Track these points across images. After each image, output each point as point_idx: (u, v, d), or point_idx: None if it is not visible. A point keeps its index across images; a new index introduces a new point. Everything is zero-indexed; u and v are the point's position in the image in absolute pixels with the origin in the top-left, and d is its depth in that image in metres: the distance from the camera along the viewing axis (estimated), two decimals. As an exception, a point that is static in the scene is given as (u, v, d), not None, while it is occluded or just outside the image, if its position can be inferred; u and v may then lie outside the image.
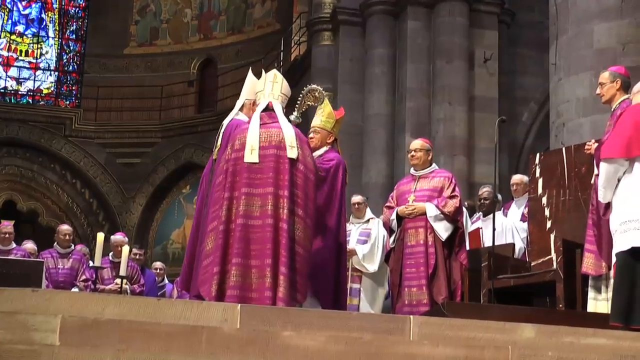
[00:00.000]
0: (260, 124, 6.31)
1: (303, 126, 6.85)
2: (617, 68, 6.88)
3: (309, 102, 7.18)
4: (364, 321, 4.83)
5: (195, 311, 4.62)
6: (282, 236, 6.04)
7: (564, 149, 8.13)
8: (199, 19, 24.78)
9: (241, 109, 7.00)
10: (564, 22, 11.02)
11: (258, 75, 6.91)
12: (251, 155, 6.18)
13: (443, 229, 7.91)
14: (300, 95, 7.11)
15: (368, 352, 4.49)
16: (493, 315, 5.79)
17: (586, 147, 6.91)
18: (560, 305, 7.24)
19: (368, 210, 9.95)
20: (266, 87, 6.52)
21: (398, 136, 15.65)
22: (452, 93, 15.44)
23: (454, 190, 8.06)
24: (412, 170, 8.43)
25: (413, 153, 8.33)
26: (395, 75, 16.11)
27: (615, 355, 4.61)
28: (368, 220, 9.78)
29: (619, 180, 5.84)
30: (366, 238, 9.57)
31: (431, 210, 7.96)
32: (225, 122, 6.95)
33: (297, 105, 7.04)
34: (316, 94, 7.17)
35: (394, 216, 8.14)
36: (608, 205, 6.00)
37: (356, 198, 9.97)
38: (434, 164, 8.40)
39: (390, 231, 8.30)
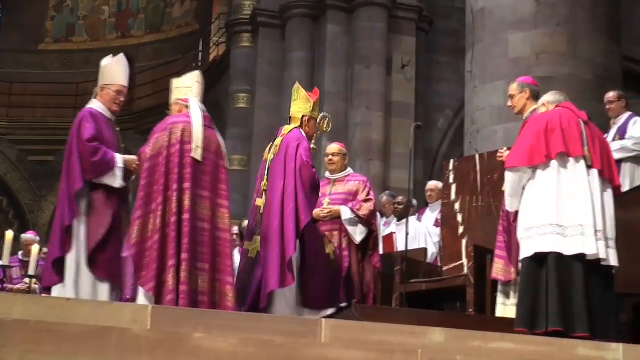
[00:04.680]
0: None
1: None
2: (525, 78, 7.01)
3: (323, 129, 7.54)
4: (276, 324, 4.83)
5: (105, 312, 4.57)
6: (226, 247, 6.14)
7: (477, 155, 8.25)
8: (117, 17, 24.51)
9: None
10: (480, 31, 11.18)
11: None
12: (196, 153, 6.15)
13: (357, 233, 7.95)
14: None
15: (279, 355, 4.48)
16: (404, 319, 5.84)
17: (498, 154, 7.02)
18: (471, 310, 7.33)
19: (283, 213, 9.96)
20: (194, 87, 6.50)
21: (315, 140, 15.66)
22: (370, 98, 15.55)
23: (368, 194, 8.12)
24: (327, 174, 8.47)
25: (331, 157, 8.40)
26: (313, 79, 16.14)
27: (521, 359, 4.69)
28: (283, 222, 9.79)
29: (524, 189, 5.94)
30: (281, 240, 9.58)
31: (346, 213, 8.00)
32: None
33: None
34: (326, 120, 7.68)
35: (309, 219, 8.15)
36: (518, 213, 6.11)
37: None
38: (349, 168, 8.46)
39: (305, 234, 8.31)
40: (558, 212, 5.71)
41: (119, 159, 6.46)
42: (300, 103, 7.54)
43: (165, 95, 7.19)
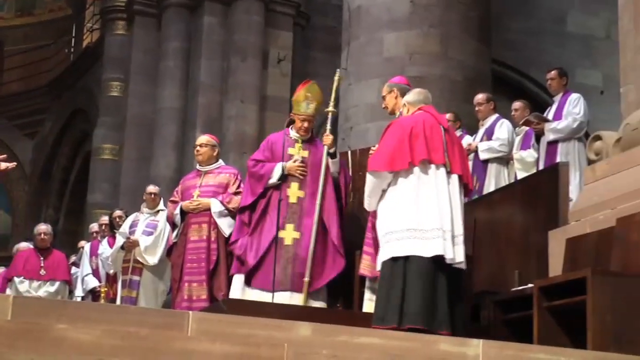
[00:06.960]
0: None
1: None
2: (396, 78, 7.14)
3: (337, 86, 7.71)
4: (141, 315, 4.76)
5: (-37, 302, 4.42)
6: None
7: (349, 152, 8.35)
8: (-15, -3, 23.75)
9: None
10: (356, 29, 11.30)
11: None
12: None
13: (227, 225, 7.93)
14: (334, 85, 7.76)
15: (144, 347, 4.43)
16: (272, 313, 5.86)
17: (370, 151, 7.10)
18: (339, 305, 7.41)
19: (161, 202, 9.80)
20: None
21: (188, 131, 15.60)
22: (245, 91, 15.55)
23: (239, 187, 8.11)
24: (197, 166, 8.43)
25: (198, 148, 8.36)
26: (188, 70, 16.05)
27: (385, 353, 4.75)
28: (158, 211, 9.65)
29: (384, 190, 6.02)
30: (152, 230, 9.47)
31: (216, 206, 7.98)
32: None
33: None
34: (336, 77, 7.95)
35: (177, 211, 8.11)
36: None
37: (152, 188, 9.83)
38: (220, 160, 8.43)
39: (173, 225, 8.25)
40: (417, 217, 5.81)
41: None
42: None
43: (36, 80, 7.01)
